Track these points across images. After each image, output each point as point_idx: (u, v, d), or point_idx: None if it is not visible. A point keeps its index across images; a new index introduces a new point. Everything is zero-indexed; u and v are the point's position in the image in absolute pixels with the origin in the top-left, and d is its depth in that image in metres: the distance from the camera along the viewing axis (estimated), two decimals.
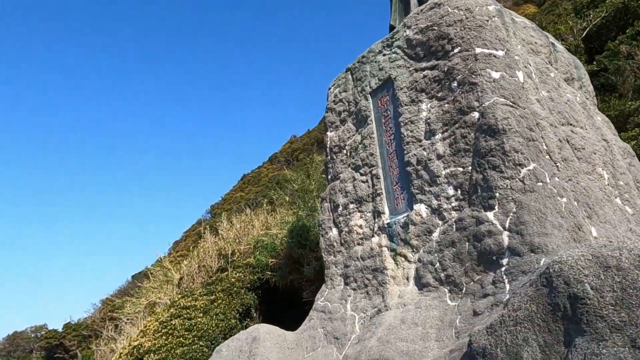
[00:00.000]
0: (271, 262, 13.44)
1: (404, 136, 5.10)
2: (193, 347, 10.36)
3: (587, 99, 5.80)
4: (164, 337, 10.78)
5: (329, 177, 6.11)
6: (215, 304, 11.91)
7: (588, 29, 14.63)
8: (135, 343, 11.41)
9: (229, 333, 11.43)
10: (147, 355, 10.54)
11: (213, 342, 10.87)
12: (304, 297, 14.22)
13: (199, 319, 11.11)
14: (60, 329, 50.58)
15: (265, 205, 17.82)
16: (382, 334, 4.26)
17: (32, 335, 51.32)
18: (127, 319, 21.56)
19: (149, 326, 11.86)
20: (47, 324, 52.87)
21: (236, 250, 14.41)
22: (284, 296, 16.18)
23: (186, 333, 10.75)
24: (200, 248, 15.21)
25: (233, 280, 12.82)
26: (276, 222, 15.77)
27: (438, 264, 4.39)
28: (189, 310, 11.57)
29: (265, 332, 5.15)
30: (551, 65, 5.43)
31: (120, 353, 11.77)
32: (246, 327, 12.36)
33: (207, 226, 16.35)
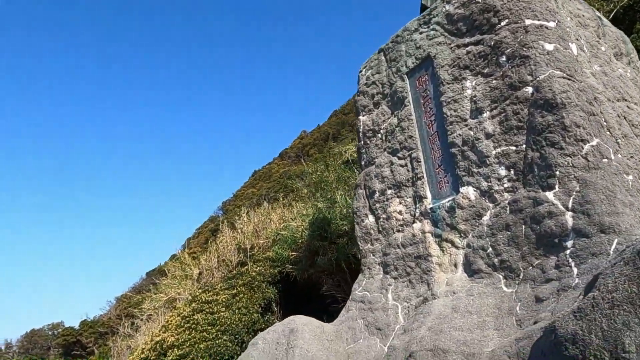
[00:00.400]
0: (291, 255, 13.24)
1: (447, 116, 4.82)
2: (217, 341, 10.20)
3: (637, 75, 5.49)
4: (187, 332, 10.64)
5: (363, 162, 5.86)
6: (237, 298, 11.75)
7: (615, 10, 14.20)
8: (158, 338, 11.29)
9: (251, 327, 11.26)
10: (170, 350, 10.41)
11: (237, 336, 10.71)
12: (323, 291, 14.03)
13: (222, 313, 10.95)
14: (76, 327, 51.05)
15: (281, 199, 17.65)
16: (433, 323, 4.01)
17: (50, 332, 51.86)
18: (146, 315, 21.56)
19: (171, 321, 11.73)
20: (64, 322, 53.44)
21: (255, 244, 14.24)
22: (303, 290, 15.99)
23: (209, 327, 10.59)
24: (219, 243, 15.06)
25: (254, 274, 12.65)
26: (293, 215, 15.57)
27: (490, 249, 4.13)
28: (211, 305, 11.41)
29: (302, 324, 4.92)
30: (600, 39, 5.13)
31: (143, 348, 11.66)
32: (268, 322, 12.18)
33: (225, 221, 16.18)
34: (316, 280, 15.50)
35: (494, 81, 4.44)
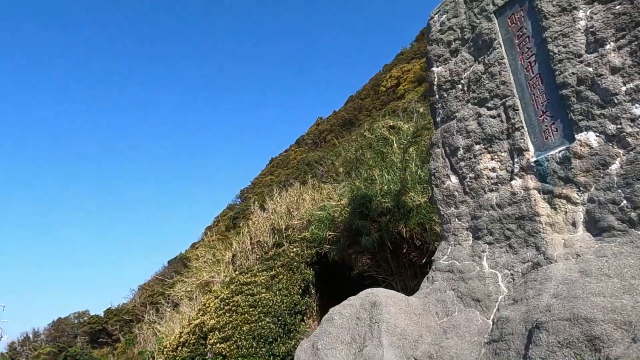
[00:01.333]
0: (329, 235, 12.69)
1: (554, 54, 4.14)
2: (260, 323, 9.73)
3: None
4: (228, 315, 10.19)
5: (439, 119, 5.21)
6: (277, 279, 11.26)
7: None
8: (197, 321, 10.87)
9: (293, 309, 10.77)
10: (211, 334, 9.98)
11: (279, 318, 10.22)
12: (362, 271, 13.47)
13: (262, 295, 10.47)
14: (101, 315, 51.61)
15: (309, 180, 17.04)
16: (558, 290, 3.40)
17: (76, 321, 52.57)
18: (176, 299, 21.33)
19: (209, 304, 11.31)
20: (89, 310, 54.16)
21: (289, 225, 13.72)
22: (338, 271, 15.46)
23: (251, 309, 10.13)
24: (252, 225, 14.57)
25: (292, 254, 12.13)
26: (322, 197, 15.00)
27: (625, 201, 3.48)
28: (250, 287, 10.94)
29: (385, 296, 4.35)
30: None
31: (181, 332, 11.27)
32: (307, 304, 11.68)
33: (256, 202, 15.65)
34: (353, 260, 14.94)
35: (619, 6, 3.75)
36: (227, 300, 10.68)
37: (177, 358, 10.73)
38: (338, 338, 4.14)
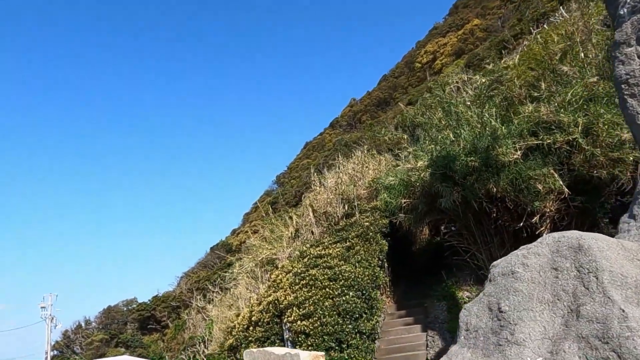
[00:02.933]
0: (403, 202, 11.55)
1: None
2: (344, 297, 8.75)
3: None
4: (306, 290, 9.25)
5: (624, 10, 3.94)
6: (353, 250, 10.24)
7: None
8: (269, 298, 9.99)
9: (374, 282, 9.74)
10: (289, 311, 9.07)
11: (363, 292, 9.21)
12: (442, 240, 12.26)
13: (342, 267, 9.47)
14: (149, 302, 52.34)
15: (366, 150, 15.81)
16: None
17: (125, 309, 53.63)
18: (228, 282, 20.68)
19: (281, 280, 10.41)
20: (137, 298, 55.14)
21: (356, 195, 12.63)
22: (408, 241, 14.31)
23: (331, 283, 9.15)
24: (314, 197, 13.54)
25: (367, 224, 11.08)
26: (388, 164, 13.82)
27: None
28: (325, 259, 9.96)
29: (592, 239, 3.20)
30: None
31: (251, 311, 10.42)
32: (382, 276, 10.62)
33: (315, 174, 14.61)
34: (431, 229, 13.68)
35: None
36: (302, 275, 9.74)
37: (250, 338, 9.90)
38: (533, 296, 3.06)
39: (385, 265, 11.04)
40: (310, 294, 9.01)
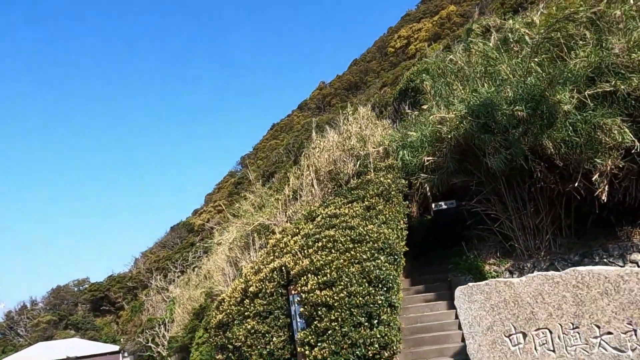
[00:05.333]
0: (426, 160, 9.92)
1: None
2: (374, 262, 7.02)
3: None
4: (324, 253, 7.47)
5: None
6: (374, 210, 8.55)
7: None
8: (274, 265, 8.15)
9: (403, 244, 8.08)
10: (303, 278, 7.26)
11: (397, 256, 7.52)
12: (472, 208, 10.64)
13: (368, 228, 7.73)
14: (103, 282, 49.19)
15: (370, 106, 14.04)
16: None
17: (75, 289, 50.12)
18: (199, 258, 18.83)
19: (286, 243, 8.57)
20: (89, 278, 51.62)
21: (367, 153, 10.90)
22: (426, 205, 12.69)
23: (356, 246, 7.41)
24: (316, 156, 11.70)
25: (388, 182, 9.37)
26: (384, 128, 12.15)
27: None
28: (343, 219, 8.19)
29: None
30: None
31: (247, 281, 8.55)
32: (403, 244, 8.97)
33: (317, 127, 12.75)
34: (461, 192, 11.93)
35: None
36: (316, 237, 7.95)
37: (247, 313, 8.06)
38: None
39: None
40: (330, 257, 7.23)
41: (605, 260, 9.03)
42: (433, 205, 15.41)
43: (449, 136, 9.23)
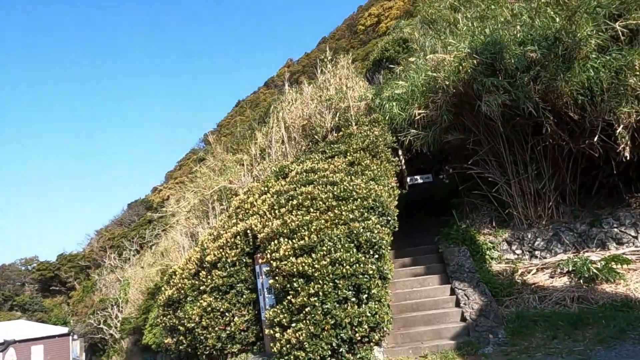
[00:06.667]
0: (418, 114, 8.54)
1: None
2: (364, 223, 5.59)
3: None
4: (300, 212, 5.98)
5: None
6: (360, 166, 7.11)
7: None
8: (237, 228, 6.62)
9: (395, 204, 6.68)
10: (273, 243, 5.75)
11: (390, 217, 6.13)
12: (466, 170, 9.30)
13: (355, 183, 6.29)
14: (53, 261, 46.21)
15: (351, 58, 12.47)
16: None
17: (23, 268, 46.78)
18: (156, 235, 17.41)
19: (252, 203, 7.05)
20: (38, 256, 48.33)
21: (345, 107, 9.43)
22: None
23: (341, 203, 5.96)
24: (288, 110, 10.15)
25: (375, 134, 7.94)
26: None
27: None
28: (324, 174, 6.72)
29: None
30: None
31: (204, 249, 7.00)
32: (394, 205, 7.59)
33: (292, 92, 11.13)
34: (450, 153, 10.53)
35: None
36: (290, 193, 6.45)
37: (203, 287, 6.56)
38: None
39: None
40: (308, 217, 5.76)
41: (615, 229, 7.99)
42: (408, 180, 14.22)
43: (446, 83, 7.85)
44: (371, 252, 5.47)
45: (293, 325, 5.18)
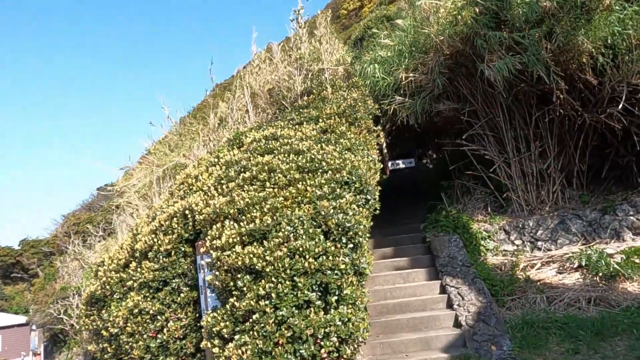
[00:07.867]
0: (405, 78, 7.18)
1: None
2: (334, 202, 4.22)
3: None
4: (252, 188, 4.58)
5: None
6: (335, 134, 5.72)
7: None
8: (174, 208, 5.19)
9: (376, 181, 5.31)
10: (215, 226, 4.34)
11: (369, 196, 4.76)
12: (458, 146, 7.92)
13: (326, 151, 4.92)
14: (15, 247, 43.80)
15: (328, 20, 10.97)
16: None
17: None
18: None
19: (195, 177, 5.62)
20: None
21: (322, 70, 8.03)
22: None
23: (305, 177, 4.58)
24: (254, 74, 8.71)
25: (352, 99, 6.56)
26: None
27: None
28: (288, 141, 5.33)
29: None
30: None
31: (135, 235, 5.56)
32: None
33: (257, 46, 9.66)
34: (440, 125, 9.03)
35: None
36: (243, 164, 5.04)
37: (130, 283, 5.10)
38: None
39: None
40: (262, 194, 4.35)
41: (632, 217, 6.84)
42: (389, 164, 12.90)
43: (440, 39, 6.49)
44: (344, 240, 4.12)
45: (236, 337, 3.81)
